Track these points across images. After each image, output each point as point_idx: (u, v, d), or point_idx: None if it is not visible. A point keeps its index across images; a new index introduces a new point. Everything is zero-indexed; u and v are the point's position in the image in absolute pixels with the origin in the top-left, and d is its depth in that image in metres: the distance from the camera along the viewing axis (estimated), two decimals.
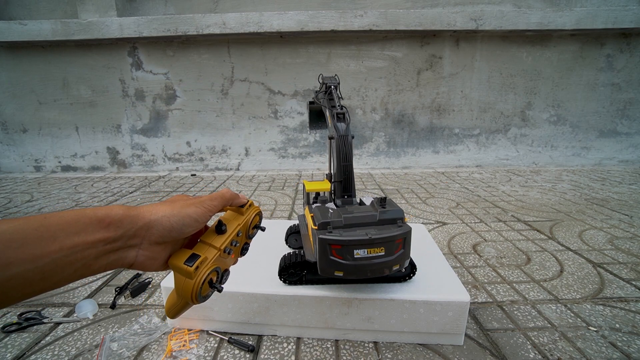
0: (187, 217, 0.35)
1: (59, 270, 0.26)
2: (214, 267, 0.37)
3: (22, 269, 0.24)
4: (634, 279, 0.94)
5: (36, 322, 0.79)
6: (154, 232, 0.32)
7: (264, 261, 0.81)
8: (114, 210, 0.30)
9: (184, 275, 0.35)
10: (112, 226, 0.30)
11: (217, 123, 2.55)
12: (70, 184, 2.23)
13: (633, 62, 2.40)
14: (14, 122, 2.55)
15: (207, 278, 0.36)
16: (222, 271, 0.39)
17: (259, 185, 2.09)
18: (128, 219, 0.31)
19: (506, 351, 0.68)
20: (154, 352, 0.69)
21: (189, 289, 0.35)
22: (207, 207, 0.37)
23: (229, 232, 0.40)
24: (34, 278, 0.25)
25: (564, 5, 2.35)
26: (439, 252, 0.87)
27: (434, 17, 2.22)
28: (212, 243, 0.38)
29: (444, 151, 2.59)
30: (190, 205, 0.36)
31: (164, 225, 0.33)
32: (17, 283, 0.24)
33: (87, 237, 0.28)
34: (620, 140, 2.55)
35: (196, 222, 0.36)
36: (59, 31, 2.26)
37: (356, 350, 0.69)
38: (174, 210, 0.34)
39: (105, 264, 0.30)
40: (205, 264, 0.36)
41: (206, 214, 0.37)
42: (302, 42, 2.37)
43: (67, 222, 0.27)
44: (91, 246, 0.28)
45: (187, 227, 0.35)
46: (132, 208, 0.32)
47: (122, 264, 0.32)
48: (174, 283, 0.36)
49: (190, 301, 0.36)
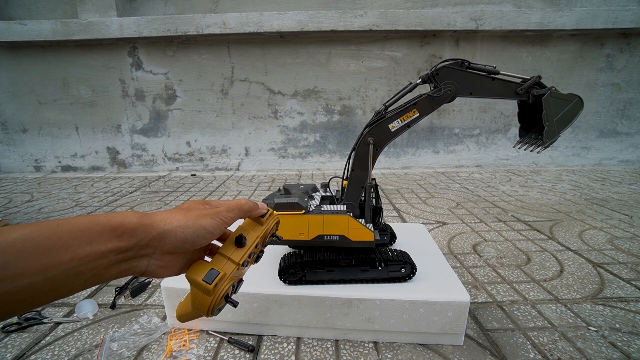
0: (201, 229, 0.34)
1: (69, 281, 0.26)
2: (231, 283, 0.36)
3: (32, 280, 0.23)
4: (634, 279, 0.94)
5: (36, 322, 0.79)
6: (167, 242, 0.32)
7: (264, 261, 0.81)
8: (128, 218, 0.29)
9: (201, 291, 0.34)
10: (125, 235, 0.29)
11: (217, 123, 2.55)
12: (70, 184, 2.23)
13: (633, 62, 2.40)
14: (14, 122, 2.55)
15: (224, 293, 0.35)
16: (237, 282, 0.39)
17: (259, 185, 2.09)
18: (142, 228, 0.30)
19: (506, 351, 0.68)
20: (154, 352, 0.69)
21: (206, 305, 0.34)
22: (223, 219, 0.36)
23: (248, 244, 0.39)
24: (44, 289, 0.24)
25: (564, 5, 2.35)
26: (439, 252, 0.87)
27: (434, 17, 2.22)
28: (232, 257, 0.37)
29: (444, 151, 2.59)
30: (205, 217, 0.35)
31: (177, 236, 0.32)
32: (26, 294, 0.23)
33: (99, 247, 0.27)
34: (620, 140, 2.55)
35: (211, 235, 0.35)
36: (59, 31, 2.26)
37: (356, 350, 0.69)
38: (189, 221, 0.33)
39: (116, 273, 0.29)
40: (223, 281, 0.35)
41: (221, 227, 0.36)
42: (302, 42, 2.37)
43: (80, 231, 0.26)
44: (103, 256, 0.27)
45: (201, 239, 0.34)
46: (146, 216, 0.31)
47: (133, 273, 0.31)
48: (191, 295, 0.35)
49: (206, 315, 0.35)
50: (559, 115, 0.72)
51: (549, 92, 0.70)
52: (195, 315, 0.37)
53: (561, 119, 0.72)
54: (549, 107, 0.71)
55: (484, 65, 0.72)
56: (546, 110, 0.71)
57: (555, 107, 0.71)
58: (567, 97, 0.72)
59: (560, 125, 0.72)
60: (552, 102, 0.71)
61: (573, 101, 0.72)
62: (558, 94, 0.71)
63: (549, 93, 0.70)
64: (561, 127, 0.73)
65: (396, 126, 0.71)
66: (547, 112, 0.71)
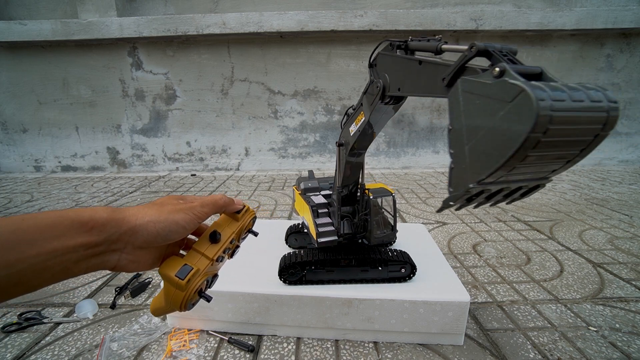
0: (174, 223, 0.33)
1: (36, 275, 0.25)
2: (205, 278, 0.37)
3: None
4: (634, 279, 0.94)
5: (36, 322, 0.79)
6: (139, 237, 0.31)
7: (264, 261, 0.81)
8: (98, 213, 0.29)
9: (174, 286, 0.34)
10: (95, 230, 0.28)
11: (217, 123, 2.55)
12: (70, 184, 2.23)
13: (633, 62, 2.40)
14: (14, 122, 2.55)
15: (198, 288, 0.36)
16: (211, 277, 0.39)
17: (259, 185, 2.09)
18: (112, 222, 0.30)
19: (506, 351, 0.68)
20: (154, 352, 0.69)
21: (179, 300, 0.35)
22: (197, 214, 0.36)
23: (222, 240, 0.39)
24: (8, 284, 0.24)
25: (564, 5, 2.35)
26: (439, 252, 0.87)
27: (434, 17, 2.22)
28: (205, 253, 0.37)
29: (444, 151, 2.59)
30: (179, 211, 0.34)
31: (149, 231, 0.32)
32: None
33: (67, 242, 0.27)
34: (620, 140, 2.55)
35: (183, 229, 0.34)
36: (59, 31, 2.25)
37: (356, 350, 0.69)
38: (161, 215, 0.33)
39: (86, 268, 0.29)
40: (196, 276, 0.35)
41: (195, 221, 0.35)
42: (302, 42, 2.37)
43: (46, 225, 0.26)
44: (71, 251, 0.27)
45: (173, 233, 0.33)
46: (117, 211, 0.31)
47: (103, 268, 0.31)
48: (164, 290, 0.36)
49: (179, 310, 0.36)
50: (477, 136, 0.29)
51: (460, 80, 0.31)
52: (168, 310, 0.37)
53: (483, 147, 0.29)
54: (456, 115, 0.31)
55: (426, 40, 0.43)
56: (452, 124, 0.32)
57: (474, 113, 0.30)
58: (500, 88, 0.27)
59: (480, 163, 0.29)
60: (465, 102, 0.31)
61: (517, 95, 0.25)
62: (481, 78, 0.29)
63: (459, 81, 0.31)
64: (482, 166, 0.29)
65: (353, 130, 0.63)
66: (452, 128, 0.32)
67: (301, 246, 0.90)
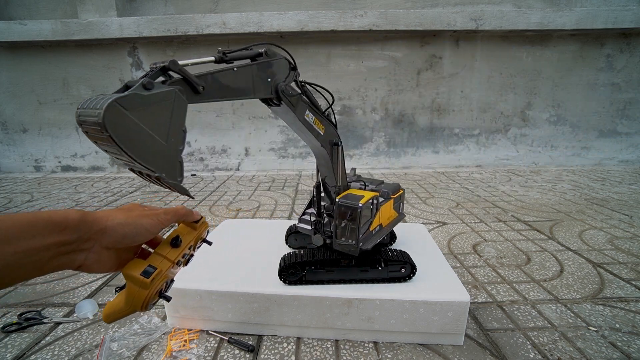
0: (141, 227, 0.36)
1: (9, 273, 0.27)
2: (165, 280, 0.39)
3: None
4: (634, 279, 0.94)
5: (36, 322, 0.79)
6: (108, 237, 0.34)
7: (264, 261, 0.81)
8: (71, 215, 0.31)
9: (138, 285, 0.37)
10: (68, 230, 0.30)
11: (217, 123, 2.55)
12: (70, 184, 2.23)
13: (633, 62, 2.40)
14: (14, 122, 2.55)
15: (159, 289, 0.39)
16: (169, 281, 0.42)
17: (259, 185, 2.09)
18: (85, 222, 0.32)
19: (506, 351, 0.68)
20: (154, 352, 0.69)
21: (141, 299, 0.37)
22: (161, 220, 0.39)
23: (182, 245, 0.42)
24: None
25: (564, 5, 2.35)
26: (439, 252, 0.87)
27: (434, 17, 2.22)
28: (167, 256, 0.40)
29: (444, 151, 2.59)
30: (145, 217, 0.38)
31: (118, 232, 0.34)
32: None
33: (42, 241, 0.28)
34: (620, 140, 2.55)
35: (148, 233, 0.37)
36: (59, 31, 2.25)
37: (356, 350, 0.69)
38: (129, 219, 0.36)
39: (56, 266, 0.31)
40: (159, 276, 0.38)
41: (158, 227, 0.39)
42: (302, 42, 2.37)
43: (22, 225, 0.28)
44: (45, 249, 0.29)
45: (139, 236, 0.37)
46: (89, 213, 0.33)
47: (70, 266, 0.32)
48: (126, 292, 0.38)
49: (140, 310, 0.38)
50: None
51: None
52: (127, 312, 0.39)
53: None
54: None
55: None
56: None
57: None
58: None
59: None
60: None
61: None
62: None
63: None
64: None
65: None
66: None
67: (301, 246, 0.90)
